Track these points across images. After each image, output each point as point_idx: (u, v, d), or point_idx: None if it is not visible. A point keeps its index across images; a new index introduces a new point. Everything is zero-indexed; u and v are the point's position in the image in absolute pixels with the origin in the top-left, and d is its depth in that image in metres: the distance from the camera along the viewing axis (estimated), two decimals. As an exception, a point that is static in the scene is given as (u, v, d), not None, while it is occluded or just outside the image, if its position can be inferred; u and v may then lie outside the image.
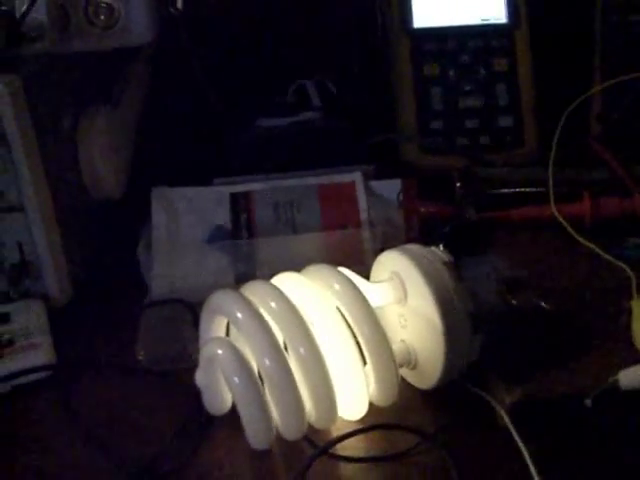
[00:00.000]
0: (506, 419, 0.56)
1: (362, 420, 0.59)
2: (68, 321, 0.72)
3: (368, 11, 1.01)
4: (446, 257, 0.60)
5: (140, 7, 0.77)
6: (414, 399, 0.62)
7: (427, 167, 0.92)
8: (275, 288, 0.58)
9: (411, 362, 0.61)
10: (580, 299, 0.70)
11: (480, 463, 0.56)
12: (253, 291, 0.58)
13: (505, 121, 0.95)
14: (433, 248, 0.62)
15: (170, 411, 0.62)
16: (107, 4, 0.75)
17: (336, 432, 0.58)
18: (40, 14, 0.69)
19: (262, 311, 0.56)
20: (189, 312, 0.70)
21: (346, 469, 0.57)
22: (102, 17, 0.75)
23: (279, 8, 1.06)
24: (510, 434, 0.55)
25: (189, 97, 0.97)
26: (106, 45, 0.76)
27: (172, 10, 0.88)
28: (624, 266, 0.71)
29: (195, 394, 0.59)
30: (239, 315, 0.55)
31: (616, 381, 0.57)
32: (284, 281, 0.60)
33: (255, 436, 0.55)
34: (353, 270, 0.62)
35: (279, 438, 0.56)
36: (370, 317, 0.57)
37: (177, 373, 0.65)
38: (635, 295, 0.67)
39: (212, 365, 0.56)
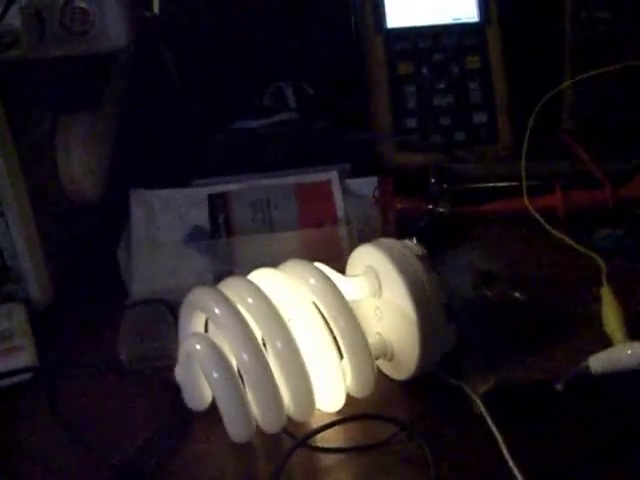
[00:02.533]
0: (481, 406, 0.58)
1: (340, 412, 0.60)
2: (50, 323, 0.72)
3: (342, 12, 1.01)
4: (419, 250, 0.62)
5: (115, 12, 0.77)
6: (391, 390, 0.63)
7: (403, 164, 0.93)
8: (252, 284, 0.59)
9: (387, 354, 0.62)
10: (552, 289, 0.72)
11: (456, 450, 0.57)
12: (230, 287, 0.59)
13: (479, 117, 0.96)
14: (406, 241, 0.63)
15: (152, 408, 0.63)
16: (82, 9, 0.75)
17: (315, 424, 0.59)
18: (15, 20, 0.69)
19: (240, 307, 0.57)
20: (169, 312, 0.70)
21: (325, 460, 0.58)
22: (77, 23, 0.76)
23: (254, 11, 1.07)
24: (485, 421, 0.57)
25: (167, 100, 0.97)
26: (82, 50, 0.77)
27: (148, 14, 0.89)
28: (595, 256, 0.72)
29: (176, 391, 0.60)
30: (217, 311, 0.56)
31: (586, 366, 0.58)
32: (261, 277, 0.61)
33: (235, 430, 0.56)
34: (330, 267, 0.63)
35: (259, 431, 0.57)
36: (345, 311, 0.58)
37: (158, 371, 0.65)
38: (605, 283, 0.68)
39: (191, 361, 0.57)
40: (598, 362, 0.58)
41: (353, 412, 0.60)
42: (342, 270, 0.65)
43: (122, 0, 0.78)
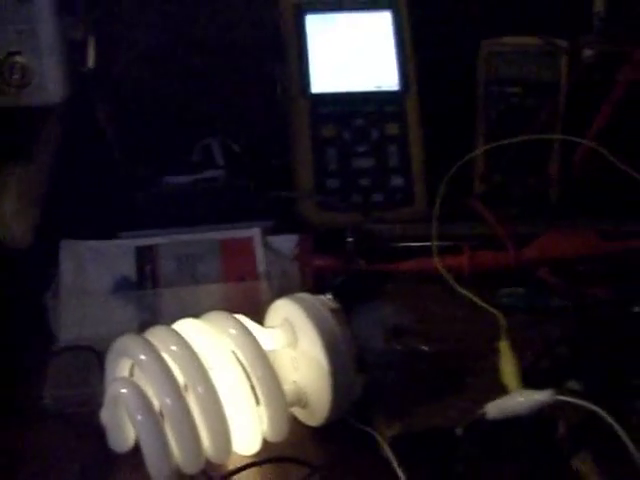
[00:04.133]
0: (387, 450, 0.62)
1: (256, 455, 0.63)
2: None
3: (270, 75, 1.06)
4: (333, 304, 0.66)
5: (54, 67, 0.80)
6: (305, 435, 0.67)
7: (323, 223, 0.96)
8: (176, 333, 0.62)
9: (302, 401, 0.66)
10: (457, 342, 0.77)
11: (364, 491, 0.61)
12: (156, 336, 0.62)
13: (396, 180, 1.00)
14: (322, 296, 0.68)
15: (76, 450, 0.65)
16: (21, 64, 0.78)
17: (232, 466, 0.62)
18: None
19: (164, 354, 0.60)
20: (95, 358, 0.72)
21: (241, 500, 0.61)
22: (16, 76, 0.78)
23: (186, 70, 1.11)
24: (391, 464, 0.61)
25: (98, 153, 1.00)
26: (20, 103, 0.79)
27: (83, 69, 0.91)
28: (497, 312, 0.77)
29: (100, 434, 0.62)
30: (142, 357, 0.59)
31: (484, 412, 0.63)
32: (185, 327, 0.64)
33: (156, 470, 0.59)
34: (250, 318, 0.67)
35: (179, 472, 0.60)
36: (263, 360, 0.62)
37: (83, 415, 0.67)
38: (503, 337, 0.73)
39: (117, 403, 0.60)
40: (494, 409, 0.63)
41: (268, 455, 0.63)
42: (261, 322, 0.69)
43: (60, 56, 0.81)
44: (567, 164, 0.98)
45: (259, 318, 0.69)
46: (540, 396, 0.60)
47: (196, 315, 0.67)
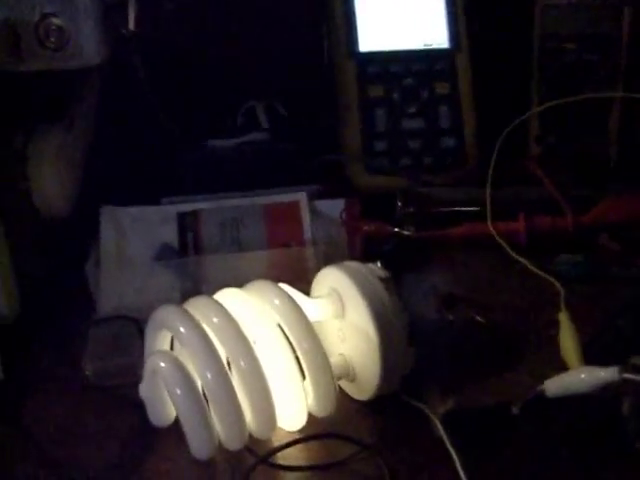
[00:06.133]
0: (440, 428, 0.59)
1: (302, 431, 0.61)
2: (16, 337, 0.73)
3: (316, 35, 1.03)
4: (382, 273, 0.63)
5: (91, 29, 0.78)
6: (353, 410, 0.64)
7: (372, 187, 0.94)
8: (217, 304, 0.60)
9: (349, 374, 0.64)
10: (513, 313, 0.73)
11: (414, 471, 0.58)
12: (196, 307, 0.60)
13: (447, 142, 0.98)
14: (370, 265, 0.65)
15: (116, 424, 0.64)
16: (58, 26, 0.77)
17: (277, 442, 0.60)
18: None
19: (205, 326, 0.58)
20: (136, 328, 0.71)
21: (286, 477, 0.59)
22: (53, 39, 0.77)
23: (230, 31, 1.09)
24: (443, 442, 0.58)
25: (139, 117, 0.98)
26: (57, 66, 0.78)
27: (124, 31, 0.89)
28: (554, 281, 0.74)
29: (140, 407, 0.61)
30: (182, 330, 0.57)
31: (542, 390, 0.60)
32: (226, 297, 0.62)
33: (197, 446, 0.57)
34: (296, 287, 0.65)
35: (221, 448, 0.58)
36: (309, 332, 0.60)
37: (123, 387, 0.66)
38: (563, 308, 0.70)
39: (155, 377, 0.58)
40: (553, 386, 0.59)
41: (314, 431, 0.61)
42: (307, 291, 0.67)
43: (98, 17, 0.79)
44: (629, 123, 0.94)
45: (305, 286, 0.67)
46: (605, 374, 0.57)
47: (240, 283, 0.64)
